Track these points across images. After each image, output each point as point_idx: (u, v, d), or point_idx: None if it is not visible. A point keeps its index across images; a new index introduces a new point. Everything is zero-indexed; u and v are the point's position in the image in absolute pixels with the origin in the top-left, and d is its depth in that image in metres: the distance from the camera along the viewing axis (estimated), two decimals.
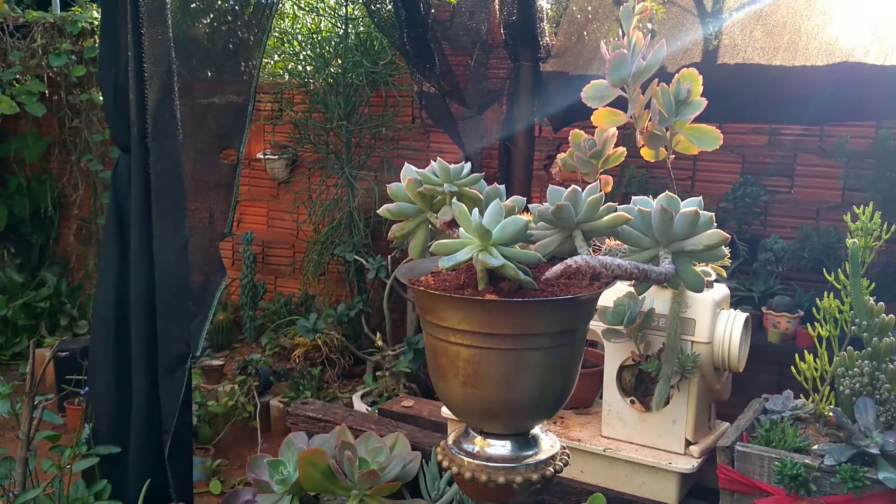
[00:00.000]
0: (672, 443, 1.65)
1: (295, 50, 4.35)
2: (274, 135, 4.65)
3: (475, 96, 3.03)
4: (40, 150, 5.08)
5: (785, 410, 1.58)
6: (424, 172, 0.93)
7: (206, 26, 2.12)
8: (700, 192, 2.83)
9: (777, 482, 1.40)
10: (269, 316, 4.45)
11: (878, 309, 1.52)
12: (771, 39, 2.51)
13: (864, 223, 1.58)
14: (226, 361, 4.08)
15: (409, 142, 4.25)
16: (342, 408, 2.44)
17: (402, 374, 3.52)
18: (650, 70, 0.84)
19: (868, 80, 2.36)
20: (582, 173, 1.01)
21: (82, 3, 4.63)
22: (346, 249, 4.12)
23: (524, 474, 0.91)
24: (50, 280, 4.93)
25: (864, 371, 1.47)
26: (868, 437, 1.38)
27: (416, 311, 2.95)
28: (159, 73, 1.88)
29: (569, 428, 1.79)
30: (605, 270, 0.79)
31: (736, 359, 1.61)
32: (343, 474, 1.53)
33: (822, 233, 3.18)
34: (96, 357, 2.08)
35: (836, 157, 3.25)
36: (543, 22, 2.87)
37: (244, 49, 2.12)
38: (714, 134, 0.86)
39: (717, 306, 1.62)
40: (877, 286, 1.59)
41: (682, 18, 2.66)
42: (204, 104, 2.10)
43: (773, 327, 3.07)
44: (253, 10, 2.11)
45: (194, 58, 2.08)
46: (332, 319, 4.01)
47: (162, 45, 1.88)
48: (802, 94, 2.57)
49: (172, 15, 1.91)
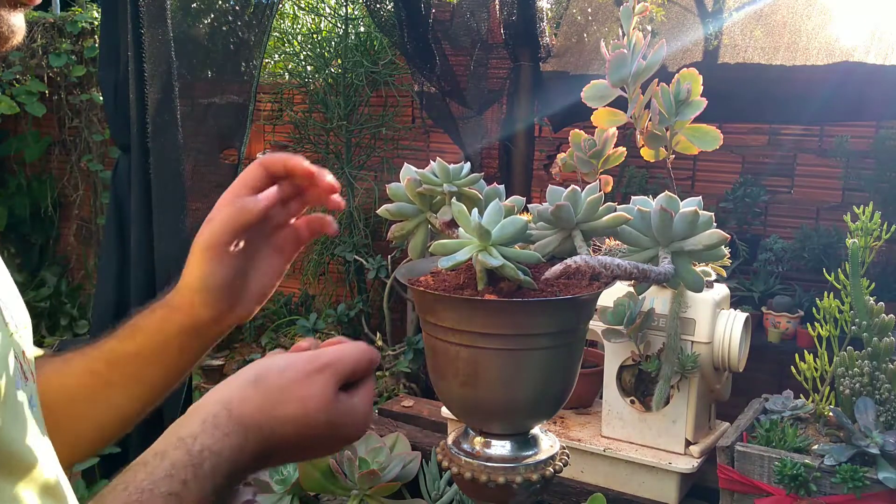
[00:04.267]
0: (672, 443, 1.65)
1: (295, 50, 4.35)
2: (274, 135, 4.65)
3: (475, 96, 3.03)
4: (40, 150, 5.08)
5: (785, 410, 1.58)
6: (424, 172, 0.93)
7: (207, 26, 2.12)
8: (700, 192, 2.84)
9: (777, 482, 1.40)
10: (269, 316, 4.45)
11: (878, 309, 1.52)
12: (771, 39, 2.51)
13: (864, 223, 1.58)
14: (226, 361, 4.08)
15: (409, 142, 4.25)
16: None
17: (402, 374, 3.52)
18: (650, 70, 0.84)
19: (868, 80, 2.36)
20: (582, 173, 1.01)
21: (82, 3, 4.63)
22: (346, 249, 4.12)
23: (524, 474, 0.91)
24: (50, 280, 4.93)
25: (864, 371, 1.47)
26: (868, 437, 1.38)
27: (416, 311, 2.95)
28: (159, 73, 1.88)
29: (569, 428, 1.79)
30: (605, 270, 0.79)
31: (736, 359, 1.61)
32: (343, 474, 1.53)
33: (822, 233, 3.17)
34: None
35: (836, 157, 3.25)
36: (543, 22, 2.87)
37: (244, 49, 2.12)
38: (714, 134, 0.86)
39: (717, 306, 1.62)
40: (877, 286, 1.59)
41: (683, 18, 2.66)
42: (204, 104, 2.11)
43: (773, 327, 3.07)
44: (253, 10, 2.11)
45: (194, 58, 2.08)
46: (332, 319, 4.01)
47: (162, 45, 1.88)
48: (802, 93, 2.57)
49: (172, 15, 1.91)
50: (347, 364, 0.59)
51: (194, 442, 0.50)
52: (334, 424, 0.57)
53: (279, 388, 0.55)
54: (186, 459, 0.49)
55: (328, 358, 0.58)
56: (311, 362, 0.57)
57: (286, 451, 0.56)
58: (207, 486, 0.49)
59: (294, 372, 0.56)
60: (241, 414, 0.53)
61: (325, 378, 0.56)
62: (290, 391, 0.55)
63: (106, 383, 0.74)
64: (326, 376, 0.57)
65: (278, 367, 0.56)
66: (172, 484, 0.48)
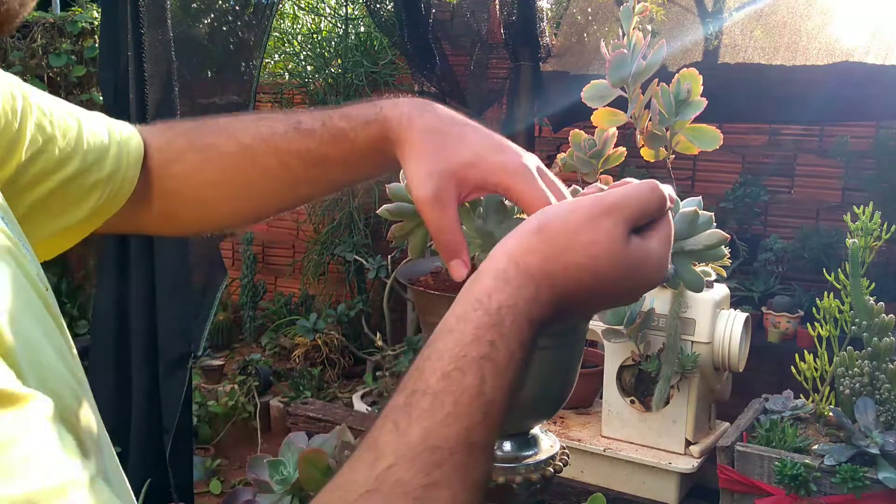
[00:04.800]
0: (672, 443, 1.66)
1: (295, 50, 4.35)
2: None
3: (475, 96, 3.03)
4: None
5: (785, 410, 1.58)
6: None
7: (207, 26, 2.12)
8: (700, 192, 2.83)
9: (777, 482, 1.40)
10: (269, 316, 4.45)
11: (878, 309, 1.52)
12: (771, 39, 2.51)
13: (864, 223, 1.58)
14: (226, 361, 4.08)
15: None
16: (342, 408, 2.44)
17: (402, 374, 3.52)
18: (650, 70, 0.84)
19: (868, 79, 2.36)
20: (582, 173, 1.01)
21: (82, 3, 4.63)
22: (346, 249, 4.12)
23: (524, 474, 0.91)
24: (50, 280, 4.93)
25: (864, 371, 1.47)
26: (868, 437, 1.38)
27: (416, 311, 2.95)
28: (159, 73, 1.88)
29: (569, 428, 1.79)
30: None
31: (736, 359, 1.61)
32: None
33: (822, 233, 3.17)
34: (96, 357, 2.08)
35: (836, 157, 3.25)
36: (543, 22, 2.87)
37: (244, 49, 2.12)
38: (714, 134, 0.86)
39: (717, 306, 1.62)
40: (877, 286, 1.59)
41: (683, 18, 2.66)
42: (204, 104, 2.11)
43: (773, 327, 3.07)
44: (253, 10, 2.11)
45: (195, 58, 2.08)
46: (332, 319, 4.01)
47: (162, 45, 1.88)
48: (802, 93, 2.57)
49: (173, 15, 1.91)
50: (634, 205, 0.54)
51: (490, 300, 0.49)
52: (628, 268, 0.54)
53: (564, 233, 0.52)
54: (487, 320, 0.49)
55: (612, 200, 0.54)
56: (595, 206, 0.54)
57: (582, 299, 0.54)
58: (513, 343, 0.49)
59: (578, 217, 0.53)
60: (528, 265, 0.51)
61: (611, 222, 0.53)
62: (576, 237, 0.52)
63: (298, 180, 0.76)
64: (613, 220, 0.53)
65: (561, 215, 0.54)
66: (481, 347, 0.47)
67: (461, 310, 0.50)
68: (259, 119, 0.78)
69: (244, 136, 0.77)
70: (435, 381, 0.46)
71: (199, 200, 0.80)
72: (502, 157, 0.68)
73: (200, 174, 0.78)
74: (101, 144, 0.73)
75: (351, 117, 0.74)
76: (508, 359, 0.48)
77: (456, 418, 0.45)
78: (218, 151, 0.77)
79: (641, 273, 0.55)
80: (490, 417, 0.46)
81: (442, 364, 0.47)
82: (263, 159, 0.76)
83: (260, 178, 0.77)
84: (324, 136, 0.74)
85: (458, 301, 0.51)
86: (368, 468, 0.43)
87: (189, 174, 0.78)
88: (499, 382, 0.47)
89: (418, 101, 0.73)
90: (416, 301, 0.92)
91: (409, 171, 0.69)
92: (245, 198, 0.80)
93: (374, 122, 0.71)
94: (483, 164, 0.67)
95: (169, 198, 0.79)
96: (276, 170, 0.76)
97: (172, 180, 0.78)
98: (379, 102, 0.73)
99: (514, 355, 0.49)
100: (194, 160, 0.78)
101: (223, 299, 4.53)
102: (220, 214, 0.83)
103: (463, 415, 0.45)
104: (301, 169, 0.76)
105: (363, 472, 0.43)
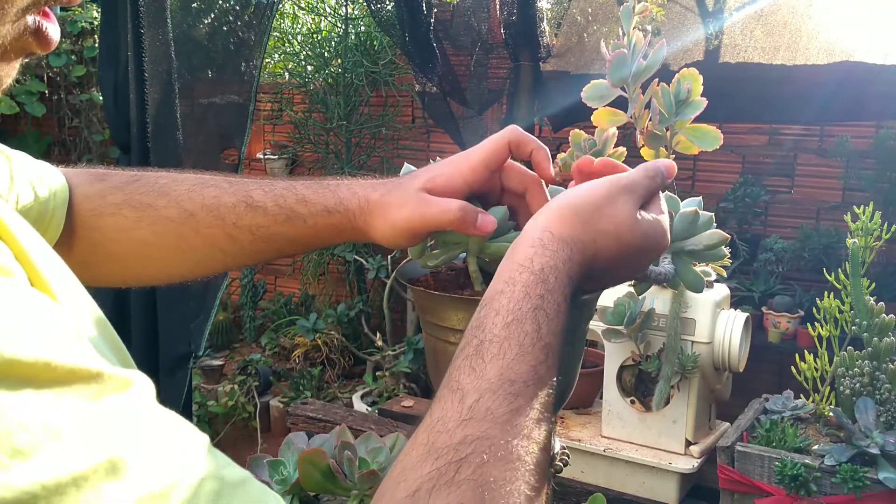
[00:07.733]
0: (672, 443, 1.65)
1: (295, 50, 4.35)
2: (274, 135, 4.65)
3: (476, 96, 3.03)
4: (40, 150, 5.08)
5: (785, 410, 1.58)
6: None
7: (207, 26, 2.12)
8: (700, 192, 2.84)
9: (777, 482, 1.40)
10: (269, 316, 4.45)
11: (878, 309, 1.52)
12: (771, 39, 2.51)
13: (864, 223, 1.58)
14: (226, 361, 4.08)
15: (409, 142, 4.25)
16: (342, 408, 2.45)
17: (402, 374, 3.52)
18: (650, 70, 0.84)
19: (868, 79, 2.36)
20: None
21: (82, 3, 4.63)
22: (345, 249, 4.12)
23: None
24: None
25: (865, 371, 1.47)
26: (868, 437, 1.38)
27: (416, 311, 2.95)
28: (159, 73, 1.88)
29: (569, 428, 1.79)
30: None
31: (736, 359, 1.61)
32: (343, 474, 1.53)
33: (822, 233, 3.17)
34: None
35: (836, 157, 3.25)
36: (543, 22, 2.87)
37: (245, 49, 2.12)
38: (714, 134, 0.86)
39: (717, 306, 1.62)
40: (877, 286, 1.59)
41: (684, 18, 2.66)
42: (204, 104, 2.11)
43: (773, 327, 3.07)
44: (253, 10, 2.11)
45: (195, 58, 2.08)
46: (332, 319, 4.01)
47: (162, 45, 1.88)
48: (803, 93, 2.57)
49: (172, 15, 1.91)
50: (643, 185, 0.65)
51: (532, 263, 0.56)
52: (643, 236, 0.63)
53: (589, 207, 0.61)
54: (533, 279, 0.55)
55: (627, 181, 0.64)
56: (613, 186, 0.63)
57: (607, 264, 0.62)
58: (559, 296, 0.55)
59: (599, 195, 0.62)
60: (561, 233, 0.58)
61: (626, 198, 0.63)
62: (599, 210, 0.61)
63: (242, 252, 0.77)
64: (627, 197, 0.63)
65: (584, 194, 0.62)
66: (532, 300, 0.54)
67: (507, 275, 0.57)
68: (202, 184, 0.77)
69: (187, 203, 0.76)
70: (498, 330, 0.53)
71: (125, 256, 0.78)
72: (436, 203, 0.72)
73: (134, 232, 0.76)
74: (33, 182, 0.74)
75: (308, 203, 0.74)
76: (557, 309, 0.55)
77: (523, 357, 0.51)
78: (157, 214, 0.76)
79: (652, 239, 0.64)
80: (550, 357, 0.53)
81: (501, 317, 0.53)
82: (208, 230, 0.75)
83: (202, 247, 0.77)
84: (278, 217, 0.75)
85: (500, 269, 0.58)
86: (458, 403, 0.49)
87: (121, 230, 0.76)
88: (552, 328, 0.54)
89: (369, 181, 0.76)
90: (416, 301, 0.92)
91: (390, 222, 0.73)
92: (179, 262, 0.79)
93: (336, 213, 0.74)
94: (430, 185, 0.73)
95: (92, 249, 0.77)
96: (222, 241, 0.76)
97: (97, 232, 0.76)
98: (335, 188, 0.75)
99: (561, 307, 0.56)
100: (130, 217, 0.76)
101: (223, 299, 4.53)
102: (146, 273, 0.83)
103: (528, 354, 0.52)
104: (248, 242, 0.76)
105: (453, 407, 0.49)
